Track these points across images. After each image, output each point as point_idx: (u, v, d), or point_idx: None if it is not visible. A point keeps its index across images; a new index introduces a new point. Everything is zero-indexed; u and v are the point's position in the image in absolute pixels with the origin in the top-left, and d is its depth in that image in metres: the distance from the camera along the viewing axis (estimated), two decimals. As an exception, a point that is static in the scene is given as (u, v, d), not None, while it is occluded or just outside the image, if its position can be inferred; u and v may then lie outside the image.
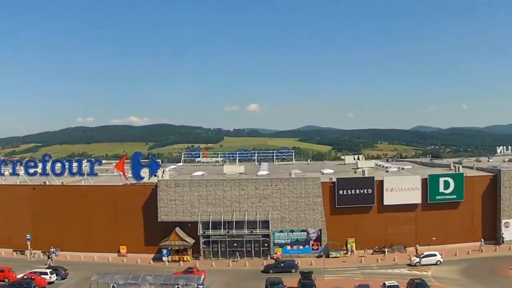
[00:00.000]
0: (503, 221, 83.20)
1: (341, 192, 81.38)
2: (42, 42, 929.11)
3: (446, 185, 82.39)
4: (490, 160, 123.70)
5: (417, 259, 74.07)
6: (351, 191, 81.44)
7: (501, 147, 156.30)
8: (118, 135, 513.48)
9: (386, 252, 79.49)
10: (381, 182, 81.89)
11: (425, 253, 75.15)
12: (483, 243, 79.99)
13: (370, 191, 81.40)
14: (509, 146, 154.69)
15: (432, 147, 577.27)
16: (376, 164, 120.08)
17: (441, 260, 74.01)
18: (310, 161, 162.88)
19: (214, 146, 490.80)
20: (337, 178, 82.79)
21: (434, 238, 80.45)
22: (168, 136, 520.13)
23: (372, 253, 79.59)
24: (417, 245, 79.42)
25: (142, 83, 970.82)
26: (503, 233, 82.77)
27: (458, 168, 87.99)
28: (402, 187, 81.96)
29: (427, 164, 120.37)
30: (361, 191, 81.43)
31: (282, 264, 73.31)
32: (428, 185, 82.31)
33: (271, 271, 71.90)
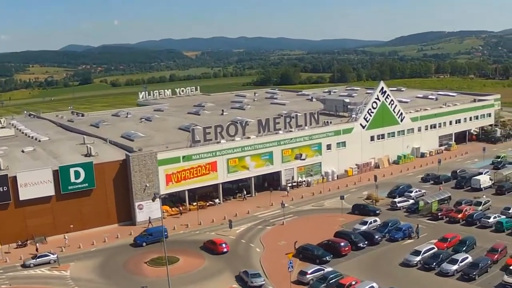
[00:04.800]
0: (137, 204, 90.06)
1: (-23, 192, 79.79)
2: None
3: (77, 175, 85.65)
4: (129, 116, 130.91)
5: None
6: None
7: (142, 93, 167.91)
8: None
9: (28, 244, 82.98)
10: (15, 178, 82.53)
11: None
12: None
13: (5, 188, 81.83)
14: (152, 91, 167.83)
15: (84, 66, 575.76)
16: (17, 128, 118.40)
17: None
18: None
19: None
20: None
21: (71, 226, 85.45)
22: None
23: (16, 247, 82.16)
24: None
25: None
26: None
27: (90, 149, 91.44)
28: (36, 181, 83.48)
29: (68, 128, 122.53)
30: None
31: None
32: (60, 177, 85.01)
33: None
